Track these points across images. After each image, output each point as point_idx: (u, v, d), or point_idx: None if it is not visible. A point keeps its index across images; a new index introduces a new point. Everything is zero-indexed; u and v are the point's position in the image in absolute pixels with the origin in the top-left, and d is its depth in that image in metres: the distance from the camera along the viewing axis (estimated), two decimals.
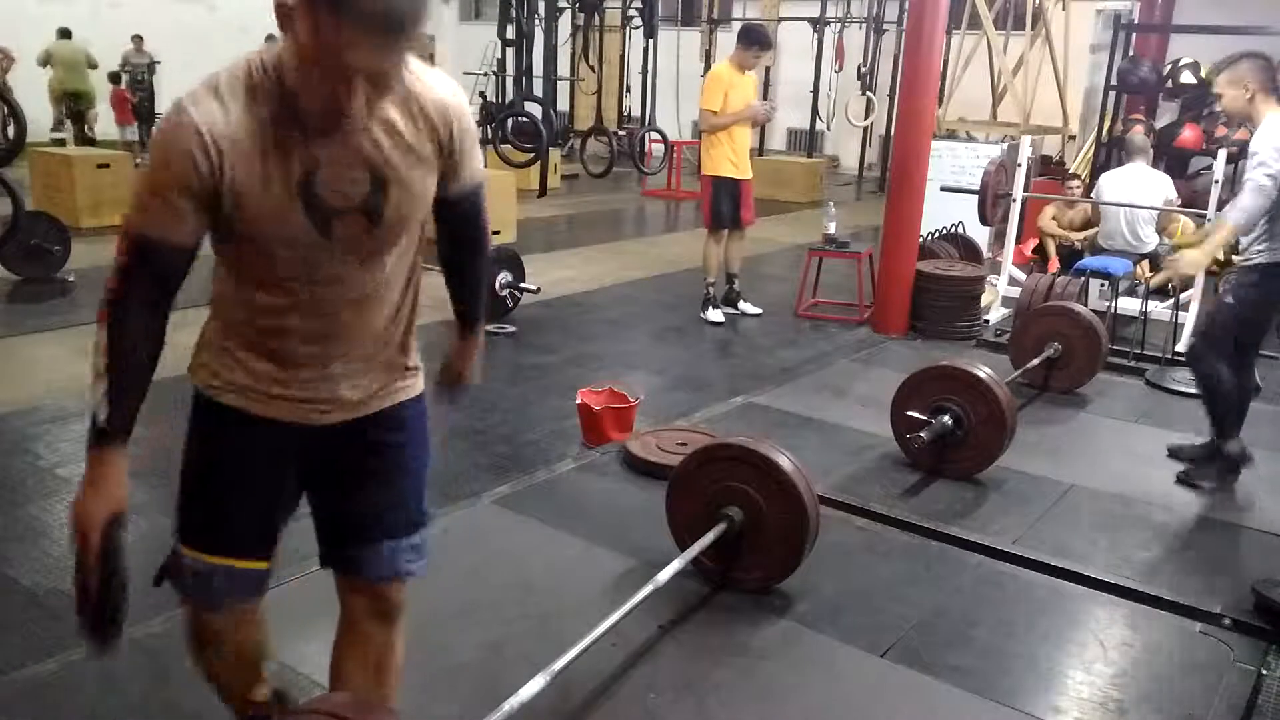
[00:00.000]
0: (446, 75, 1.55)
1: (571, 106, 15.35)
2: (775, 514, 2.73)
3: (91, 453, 1.44)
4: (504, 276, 5.81)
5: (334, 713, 1.44)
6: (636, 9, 10.46)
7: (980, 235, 6.94)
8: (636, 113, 11.51)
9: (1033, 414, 4.53)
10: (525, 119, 8.38)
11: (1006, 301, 6.39)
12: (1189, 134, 8.86)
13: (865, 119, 13.14)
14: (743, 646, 2.60)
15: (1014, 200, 6.30)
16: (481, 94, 17.00)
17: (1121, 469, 4.00)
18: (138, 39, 13.83)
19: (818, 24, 13.47)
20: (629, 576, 2.89)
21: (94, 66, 12.00)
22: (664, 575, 2.52)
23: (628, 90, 12.67)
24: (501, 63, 8.81)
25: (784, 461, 2.74)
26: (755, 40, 5.93)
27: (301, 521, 1.72)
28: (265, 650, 1.81)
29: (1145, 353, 5.41)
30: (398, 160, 1.45)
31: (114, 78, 12.98)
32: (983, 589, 2.98)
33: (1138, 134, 6.62)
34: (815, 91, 13.66)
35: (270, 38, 1.54)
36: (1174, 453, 4.07)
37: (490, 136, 8.46)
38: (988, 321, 6.21)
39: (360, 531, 1.68)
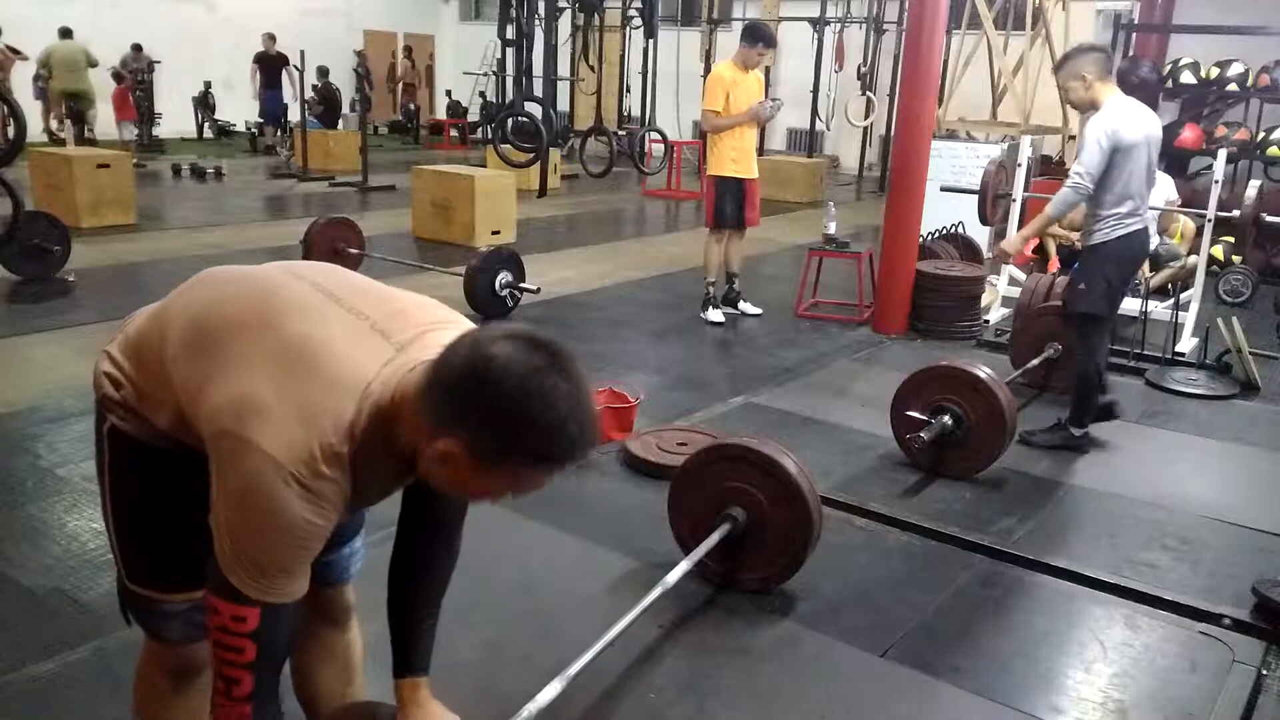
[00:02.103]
0: None
1: (571, 106, 15.37)
2: (779, 515, 2.73)
3: None
4: (504, 276, 5.82)
5: None
6: (636, 9, 10.45)
7: (980, 235, 6.94)
8: (636, 113, 11.51)
9: (1033, 414, 4.53)
10: (525, 119, 8.38)
11: (1006, 301, 6.39)
12: (1189, 134, 8.87)
13: (865, 119, 13.13)
14: (743, 647, 2.60)
15: (1014, 200, 6.30)
16: (481, 94, 17.07)
17: (1121, 469, 4.00)
18: (136, 47, 13.89)
19: (818, 24, 13.45)
20: (630, 576, 2.90)
21: (94, 65, 12.02)
22: (673, 577, 2.51)
23: (628, 90, 12.66)
24: (501, 63, 8.81)
25: (788, 462, 2.74)
26: (760, 37, 5.91)
27: None
28: None
29: (1145, 353, 5.42)
30: None
31: (117, 76, 13.04)
32: (983, 589, 2.98)
33: None
34: (815, 91, 13.65)
35: (269, 36, 1.51)
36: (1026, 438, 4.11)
37: (490, 136, 8.45)
38: (988, 321, 6.21)
39: None
